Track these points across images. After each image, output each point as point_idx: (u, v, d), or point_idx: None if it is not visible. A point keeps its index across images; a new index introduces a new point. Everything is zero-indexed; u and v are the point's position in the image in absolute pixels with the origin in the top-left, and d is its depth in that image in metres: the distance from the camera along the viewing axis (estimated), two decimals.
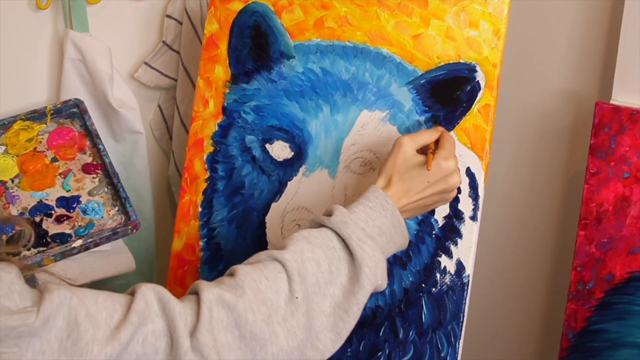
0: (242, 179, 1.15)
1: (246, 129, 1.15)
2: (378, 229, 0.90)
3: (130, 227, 1.18)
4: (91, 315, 0.73)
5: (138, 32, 1.39)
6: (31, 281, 1.16)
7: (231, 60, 1.17)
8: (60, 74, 1.29)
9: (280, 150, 1.13)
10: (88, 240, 1.15)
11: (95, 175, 1.22)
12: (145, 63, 1.39)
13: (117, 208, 1.19)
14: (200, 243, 1.17)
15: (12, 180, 1.21)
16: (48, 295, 0.73)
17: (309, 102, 1.12)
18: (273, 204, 1.12)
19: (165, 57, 1.40)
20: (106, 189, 1.21)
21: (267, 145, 1.14)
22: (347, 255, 0.86)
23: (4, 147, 1.23)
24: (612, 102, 1.13)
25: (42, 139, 1.25)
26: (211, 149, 1.17)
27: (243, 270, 0.82)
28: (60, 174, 1.22)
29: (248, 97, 1.15)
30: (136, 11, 1.37)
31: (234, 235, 1.15)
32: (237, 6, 1.16)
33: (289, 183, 1.12)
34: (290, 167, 1.12)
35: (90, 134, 1.24)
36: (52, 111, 1.26)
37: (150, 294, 0.77)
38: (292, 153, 1.12)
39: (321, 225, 0.89)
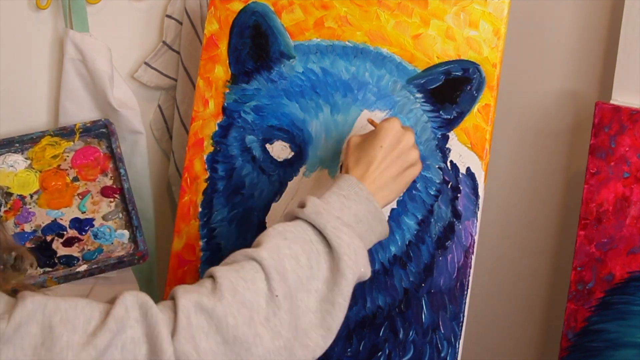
0: (242, 179, 1.15)
1: (246, 129, 1.15)
2: (354, 216, 0.88)
3: (137, 257, 1.19)
4: (67, 320, 0.71)
5: (138, 32, 1.39)
6: None
7: (231, 60, 1.17)
8: (60, 74, 1.29)
9: (280, 150, 1.13)
10: (93, 267, 1.17)
11: (112, 200, 1.24)
12: (145, 63, 1.39)
13: (128, 236, 1.20)
14: (200, 243, 1.17)
15: (31, 196, 1.22)
16: (21, 302, 0.71)
17: (309, 102, 1.12)
18: (273, 204, 1.12)
19: (165, 57, 1.40)
20: (121, 215, 1.22)
21: (267, 145, 1.14)
22: (325, 247, 0.84)
23: (29, 161, 1.24)
24: (612, 102, 1.13)
25: (68, 156, 1.26)
26: (211, 149, 1.17)
27: (220, 272, 0.79)
28: (78, 194, 1.24)
29: (248, 97, 1.15)
30: (136, 11, 1.37)
31: (234, 235, 1.15)
32: (237, 6, 1.16)
33: (289, 183, 1.12)
34: (290, 167, 1.12)
35: (114, 156, 1.26)
36: (81, 129, 1.28)
37: (131, 300, 0.74)
38: (292, 153, 1.12)
39: (295, 217, 0.87)
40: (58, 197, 1.23)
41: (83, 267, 1.16)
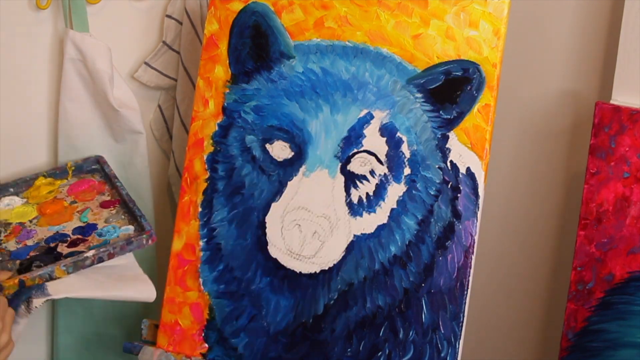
0: (242, 179, 1.15)
1: (246, 129, 1.15)
2: None
3: (145, 236, 1.15)
4: None
5: (138, 32, 1.39)
6: (41, 289, 1.16)
7: (231, 60, 1.17)
8: (60, 74, 1.29)
9: (280, 150, 1.13)
10: (101, 250, 1.12)
11: (112, 208, 1.23)
12: (145, 63, 1.39)
13: (133, 229, 1.18)
14: (200, 243, 1.17)
15: (31, 221, 1.21)
16: None
17: (309, 102, 1.12)
18: (273, 204, 1.12)
19: (165, 57, 1.40)
20: (123, 216, 1.21)
21: (267, 145, 1.14)
22: None
23: (24, 200, 1.24)
24: (612, 102, 1.13)
25: (63, 189, 1.26)
26: (211, 149, 1.17)
27: None
28: (78, 211, 1.23)
29: (248, 97, 1.15)
30: (136, 11, 1.37)
31: (234, 235, 1.15)
32: (237, 6, 1.16)
33: (289, 183, 1.12)
34: (290, 167, 1.12)
35: (109, 179, 1.26)
36: (73, 167, 1.28)
37: None
38: (292, 153, 1.12)
39: None
40: (58, 217, 1.21)
41: (91, 252, 1.10)
